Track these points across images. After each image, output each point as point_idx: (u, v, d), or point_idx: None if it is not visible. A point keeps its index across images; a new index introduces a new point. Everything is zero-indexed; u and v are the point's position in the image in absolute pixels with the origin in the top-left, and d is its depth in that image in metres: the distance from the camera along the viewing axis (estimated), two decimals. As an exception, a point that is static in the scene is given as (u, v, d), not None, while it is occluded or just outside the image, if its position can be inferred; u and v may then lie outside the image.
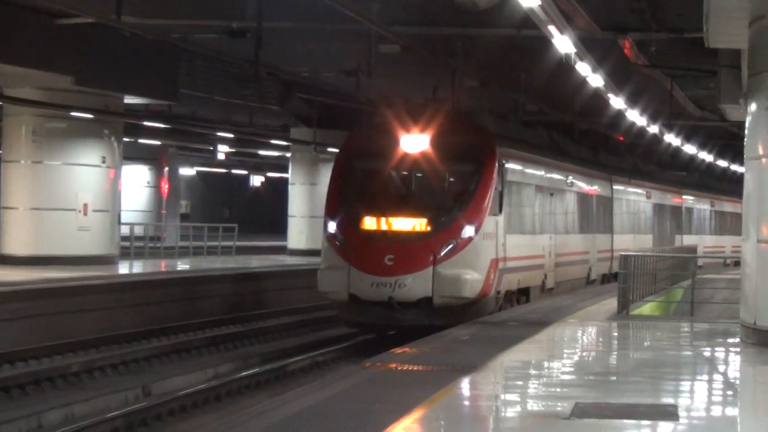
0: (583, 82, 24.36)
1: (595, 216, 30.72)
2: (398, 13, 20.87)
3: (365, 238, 16.85)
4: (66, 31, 22.10)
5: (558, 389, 12.47)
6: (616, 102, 28.74)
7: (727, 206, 54.88)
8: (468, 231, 16.77)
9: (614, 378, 13.69)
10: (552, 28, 17.91)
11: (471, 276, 16.33)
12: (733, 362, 15.92)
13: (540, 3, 16.01)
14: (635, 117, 33.09)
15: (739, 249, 21.87)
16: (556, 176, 25.56)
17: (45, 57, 21.92)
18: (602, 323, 20.33)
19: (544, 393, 12.22)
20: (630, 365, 15.39)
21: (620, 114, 32.66)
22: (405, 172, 18.00)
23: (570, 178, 27.16)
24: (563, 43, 19.15)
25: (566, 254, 25.93)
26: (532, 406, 11.22)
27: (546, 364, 15.76)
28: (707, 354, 16.53)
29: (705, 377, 14.28)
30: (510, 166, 19.12)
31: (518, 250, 20.13)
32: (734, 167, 50.13)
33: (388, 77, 26.32)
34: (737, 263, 47.67)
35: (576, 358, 16.73)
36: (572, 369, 15.01)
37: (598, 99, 29.20)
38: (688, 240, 45.26)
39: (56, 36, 22.12)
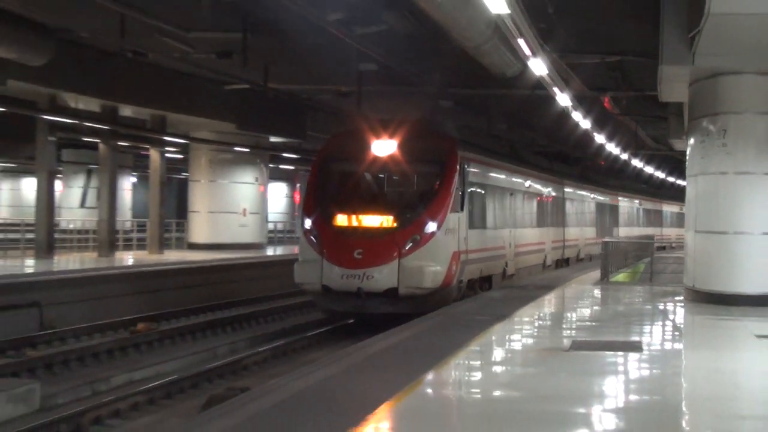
0: (576, 125, 25.34)
1: (549, 213, 28.50)
2: (451, 78, 21.43)
3: (337, 234, 15.13)
4: (231, 94, 23.75)
5: (562, 331, 13.69)
6: (599, 138, 30.27)
7: (648, 205, 54.05)
8: (430, 227, 15.13)
9: (599, 323, 14.46)
10: (555, 89, 18.91)
11: (433, 268, 14.83)
12: (678, 313, 16.40)
13: (548, 72, 16.74)
14: (612, 148, 34.42)
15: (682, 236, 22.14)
16: (515, 179, 23.39)
17: (217, 111, 24.11)
18: (590, 287, 21.18)
19: (553, 334, 13.56)
20: (609, 315, 16.20)
21: (601, 146, 33.37)
22: (374, 174, 16.51)
23: (528, 181, 25.14)
24: (563, 99, 20.21)
25: (524, 245, 23.91)
26: (546, 342, 12.39)
27: (554, 314, 16.81)
28: (661, 307, 17.21)
29: (660, 323, 15.49)
30: (471, 169, 17.45)
31: (480, 243, 18.26)
32: (679, 181, 49.91)
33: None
34: (664, 247, 46.40)
35: (573, 310, 17.53)
36: (571, 318, 16.06)
37: (586, 136, 29.74)
38: (623, 231, 43.50)
39: (224, 97, 24.20)
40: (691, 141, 16.34)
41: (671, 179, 55.07)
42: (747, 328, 13.05)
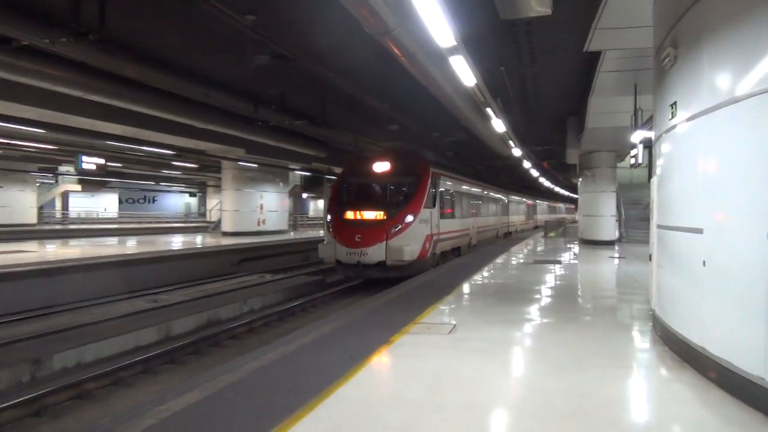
0: (528, 170, 29.36)
1: (499, 208, 28.45)
2: (453, 134, 20.44)
3: (345, 224, 14.43)
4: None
5: (529, 256, 16.70)
6: (541, 179, 36.94)
7: (546, 204, 55.36)
8: (408, 218, 14.34)
9: (545, 252, 18.29)
10: (525, 161, 24.22)
11: (410, 246, 13.96)
12: (576, 248, 19.66)
13: (521, 154, 21.47)
14: (545, 182, 40.59)
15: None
16: (475, 188, 22.44)
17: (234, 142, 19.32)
18: (541, 239, 25.88)
19: (524, 257, 16.45)
20: (549, 249, 19.38)
21: (538, 179, 37.18)
22: (373, 184, 15.51)
23: (485, 190, 24.72)
24: (527, 165, 25.75)
25: (484, 227, 23.54)
26: (521, 260, 15.44)
27: (524, 249, 19.69)
28: (569, 246, 20.76)
29: (569, 252, 18.46)
30: (441, 180, 16.43)
31: (450, 227, 17.33)
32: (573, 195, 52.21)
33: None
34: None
35: (531, 248, 20.27)
36: (531, 250, 19.22)
37: (529, 175, 32.90)
38: (540, 217, 46.47)
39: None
40: (580, 179, 22.15)
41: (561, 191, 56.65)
42: (605, 254, 16.70)
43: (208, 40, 10.48)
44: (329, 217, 14.96)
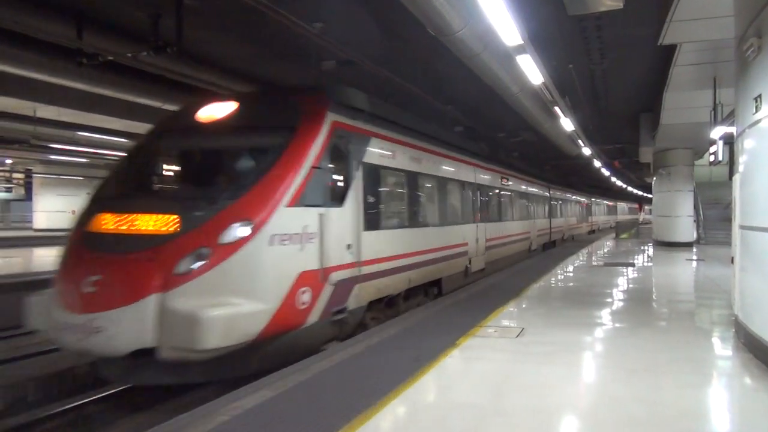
0: (600, 168, 29.25)
1: (533, 208, 20.51)
2: (520, 134, 19.18)
3: (80, 248, 6.19)
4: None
5: (599, 259, 16.70)
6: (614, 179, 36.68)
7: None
8: (237, 231, 5.84)
9: (616, 254, 18.06)
10: (595, 160, 24.57)
11: (230, 308, 5.44)
12: (650, 250, 19.50)
13: (591, 153, 21.75)
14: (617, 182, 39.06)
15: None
16: (484, 175, 14.39)
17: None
18: (612, 241, 25.58)
19: (595, 260, 16.48)
20: (621, 251, 19.25)
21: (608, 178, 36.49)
22: (189, 149, 7.35)
23: (501, 177, 16.38)
24: (597, 163, 25.82)
25: (498, 239, 14.99)
26: (591, 263, 15.47)
27: (597, 251, 19.55)
28: (643, 248, 20.56)
29: (642, 254, 18.33)
30: (364, 141, 8.14)
31: (393, 249, 8.64)
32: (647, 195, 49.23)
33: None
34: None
35: (604, 250, 20.19)
36: (604, 252, 19.20)
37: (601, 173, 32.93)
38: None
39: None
40: (654, 178, 21.91)
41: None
42: (681, 257, 16.51)
43: (275, 49, 10.61)
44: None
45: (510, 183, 16.93)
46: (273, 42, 10.18)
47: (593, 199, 38.42)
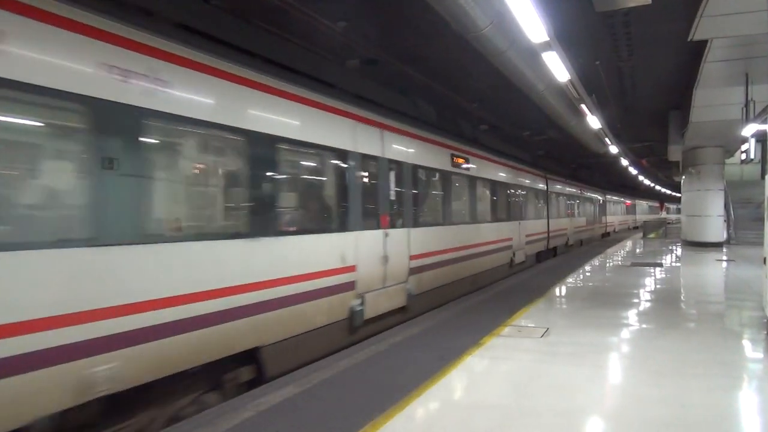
0: (627, 167, 29.61)
1: (527, 207, 16.33)
2: (545, 133, 19.45)
3: None
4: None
5: (626, 259, 16.63)
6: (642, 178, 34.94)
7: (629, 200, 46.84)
8: None
9: (643, 254, 18.03)
10: (622, 158, 23.84)
11: None
12: (679, 250, 19.41)
13: (618, 151, 21.49)
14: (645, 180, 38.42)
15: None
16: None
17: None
18: (639, 240, 25.83)
19: (621, 259, 16.41)
20: (648, 251, 19.14)
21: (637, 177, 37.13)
22: None
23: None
24: (624, 162, 25.78)
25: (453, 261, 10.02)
26: (617, 263, 15.39)
27: (622, 251, 19.60)
28: (672, 248, 20.44)
29: (670, 254, 18.22)
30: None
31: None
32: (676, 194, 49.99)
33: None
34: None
35: (630, 248, 20.32)
36: (630, 252, 19.20)
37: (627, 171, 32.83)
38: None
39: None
40: (683, 177, 21.65)
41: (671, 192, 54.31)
42: (711, 257, 16.33)
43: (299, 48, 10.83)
44: None
45: (471, 166, 11.69)
46: (296, 40, 10.36)
47: (608, 196, 33.28)
